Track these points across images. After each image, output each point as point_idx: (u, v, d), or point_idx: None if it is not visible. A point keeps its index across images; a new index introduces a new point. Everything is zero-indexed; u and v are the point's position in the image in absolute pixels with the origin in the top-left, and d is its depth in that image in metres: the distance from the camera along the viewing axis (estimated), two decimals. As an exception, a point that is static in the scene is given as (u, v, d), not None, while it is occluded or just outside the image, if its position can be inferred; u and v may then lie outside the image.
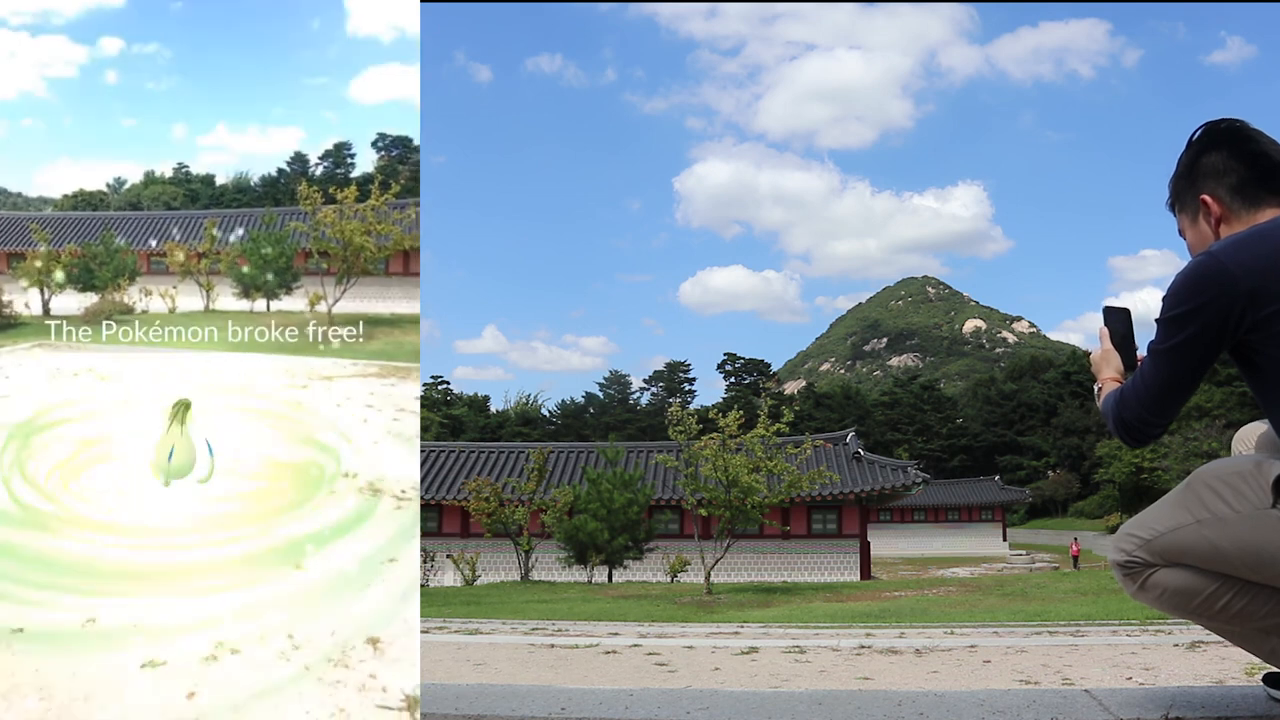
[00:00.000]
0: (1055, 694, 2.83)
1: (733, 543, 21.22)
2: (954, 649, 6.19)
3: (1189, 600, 2.23)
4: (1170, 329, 2.17)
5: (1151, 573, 2.25)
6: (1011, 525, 66.73)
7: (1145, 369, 2.24)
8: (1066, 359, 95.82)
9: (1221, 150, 2.27)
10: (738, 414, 20.82)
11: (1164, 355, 2.19)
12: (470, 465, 33.82)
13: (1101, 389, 2.41)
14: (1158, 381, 2.21)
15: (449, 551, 26.83)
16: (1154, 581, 2.25)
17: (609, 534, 24.21)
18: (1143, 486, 53.82)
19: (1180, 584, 2.22)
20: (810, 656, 5.86)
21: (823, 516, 32.64)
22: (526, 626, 10.19)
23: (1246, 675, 4.42)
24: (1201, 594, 2.21)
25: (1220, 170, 2.26)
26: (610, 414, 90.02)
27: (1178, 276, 2.18)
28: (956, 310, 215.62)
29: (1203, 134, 2.32)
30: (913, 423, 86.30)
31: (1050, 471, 75.20)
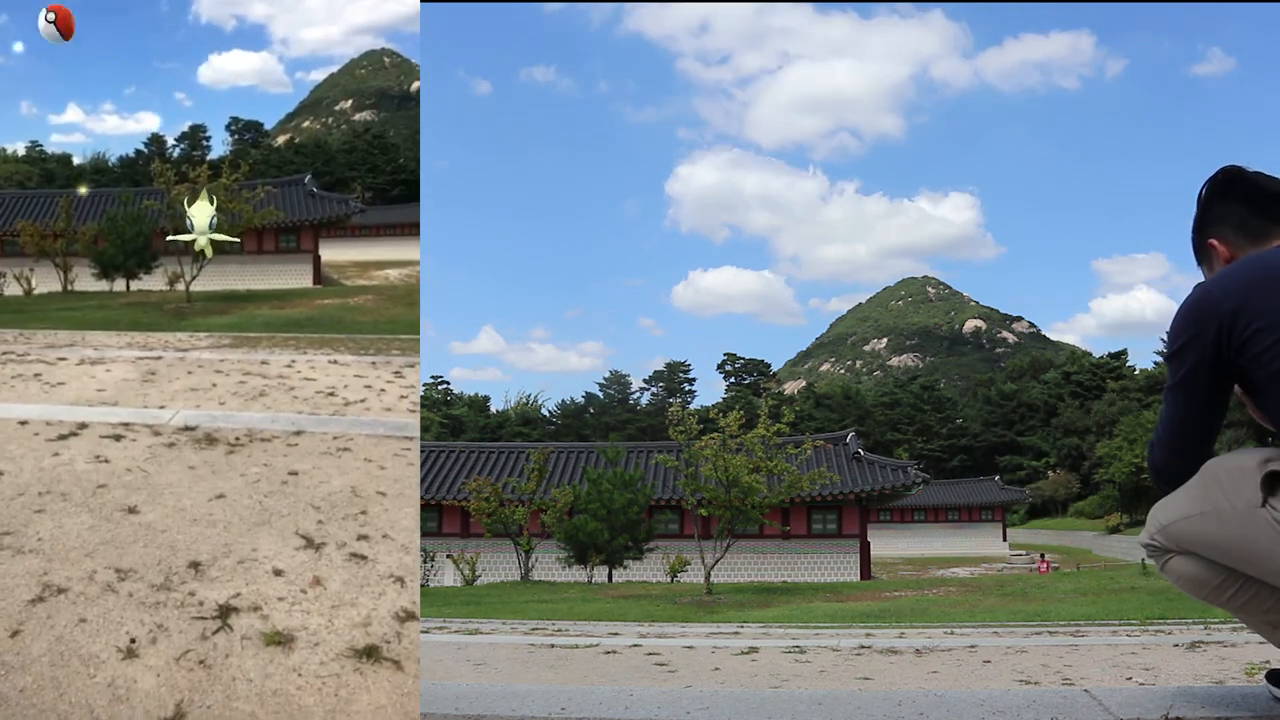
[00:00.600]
0: (1055, 694, 2.83)
1: (733, 543, 21.21)
2: (954, 649, 6.19)
3: (1200, 588, 2.30)
4: (1173, 366, 2.26)
5: (1169, 558, 2.33)
6: (1011, 525, 66.73)
7: (1162, 410, 2.31)
8: (1066, 359, 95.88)
9: (1221, 198, 2.39)
10: (738, 414, 20.83)
11: (1172, 393, 2.27)
12: (470, 465, 33.81)
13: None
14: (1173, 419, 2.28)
15: (449, 551, 26.84)
16: (1170, 567, 2.33)
17: (609, 534, 24.21)
18: (1143, 486, 53.74)
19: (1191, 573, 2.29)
20: (810, 656, 5.86)
21: (823, 516, 32.64)
22: (526, 626, 10.19)
23: (1246, 675, 4.42)
24: (1210, 584, 2.27)
25: (1222, 215, 2.38)
26: (610, 414, 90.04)
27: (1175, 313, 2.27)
28: (956, 310, 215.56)
29: (1205, 189, 2.43)
30: (913, 423, 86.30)
31: (1050, 471, 75.19)
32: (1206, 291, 2.22)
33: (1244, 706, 2.40)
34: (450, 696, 2.86)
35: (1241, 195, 2.36)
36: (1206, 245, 2.40)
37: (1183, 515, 2.26)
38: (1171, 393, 2.26)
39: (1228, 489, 2.19)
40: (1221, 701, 2.46)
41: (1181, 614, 10.48)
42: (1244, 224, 2.34)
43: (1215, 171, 2.44)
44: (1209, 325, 2.17)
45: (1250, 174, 2.39)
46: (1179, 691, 2.64)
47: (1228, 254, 2.35)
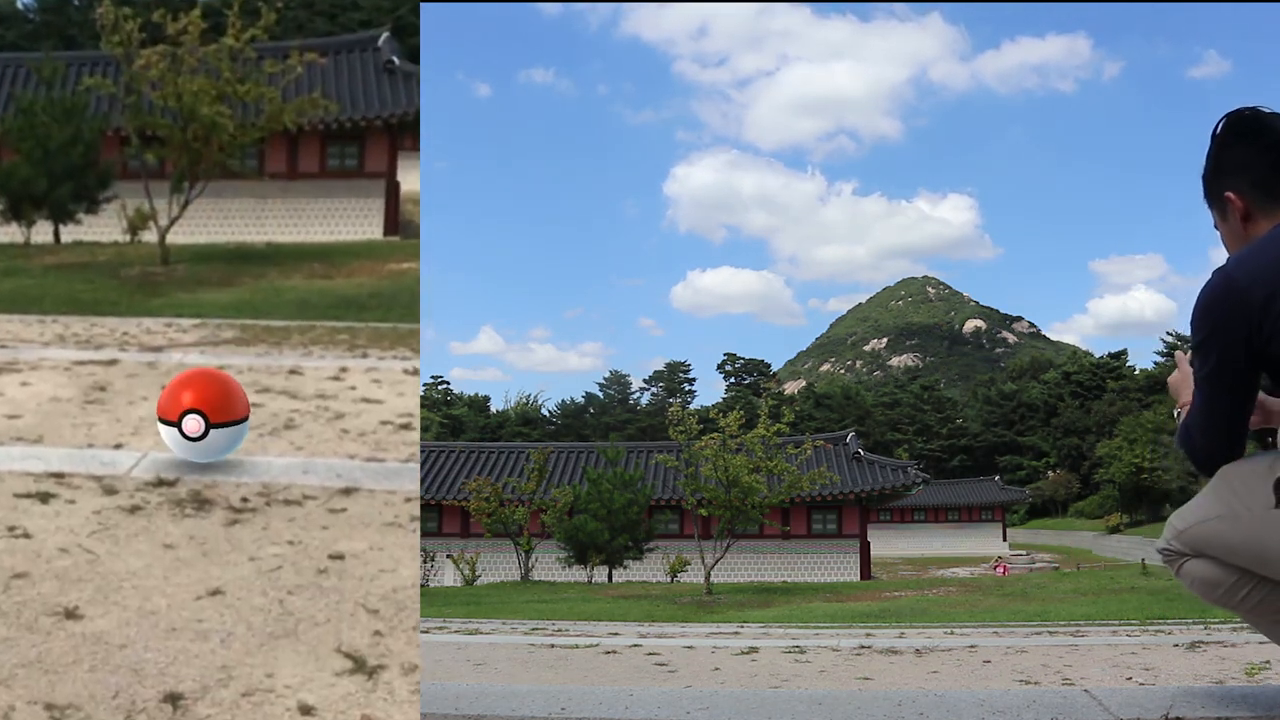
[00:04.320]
0: (1055, 694, 2.83)
1: (733, 543, 21.22)
2: (954, 649, 6.18)
3: (1213, 590, 2.28)
4: (1200, 356, 2.17)
5: (1184, 561, 2.31)
6: (1011, 525, 66.70)
7: (1195, 399, 2.25)
8: (1066, 359, 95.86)
9: (1242, 143, 2.24)
10: (738, 414, 20.86)
11: (1204, 383, 2.20)
12: (470, 465, 33.83)
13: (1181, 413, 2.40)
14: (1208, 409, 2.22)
15: (449, 551, 26.84)
16: (1185, 570, 2.32)
17: (609, 534, 24.22)
18: (1143, 486, 53.77)
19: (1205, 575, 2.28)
20: (810, 656, 5.86)
21: (823, 516, 32.65)
22: (526, 626, 10.19)
23: (1247, 675, 4.42)
24: (1223, 586, 2.26)
25: (1242, 164, 2.23)
26: (610, 414, 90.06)
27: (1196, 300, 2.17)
28: (956, 310, 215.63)
29: (1224, 127, 2.28)
30: (913, 423, 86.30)
31: (1050, 471, 75.17)
32: (1230, 279, 2.09)
33: (1244, 706, 2.40)
34: (450, 696, 2.86)
35: (1265, 146, 2.20)
36: (1224, 197, 2.25)
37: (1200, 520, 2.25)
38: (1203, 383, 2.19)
39: (1242, 493, 2.19)
40: (1221, 701, 2.46)
41: (1181, 614, 10.49)
42: (1264, 181, 2.20)
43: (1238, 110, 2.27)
44: (1236, 317, 2.07)
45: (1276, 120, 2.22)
46: (1179, 691, 2.64)
47: (1244, 210, 2.22)
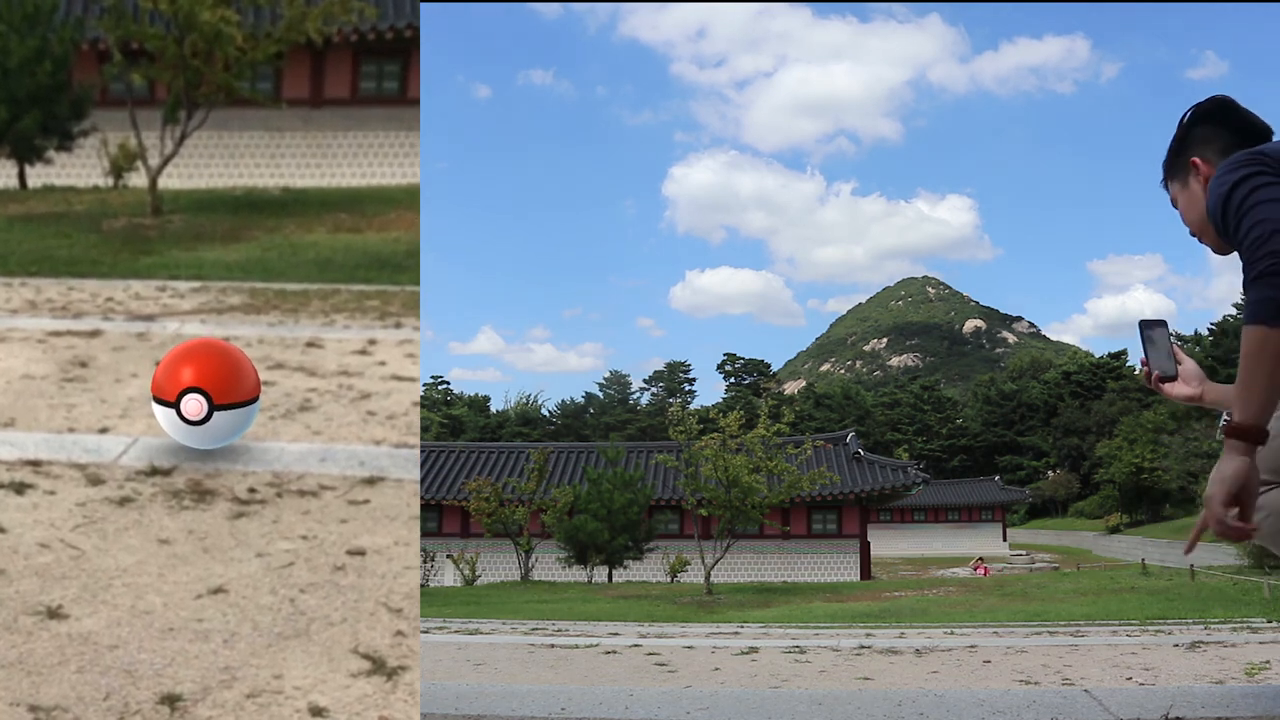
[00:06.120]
0: (1055, 694, 2.83)
1: (733, 543, 21.23)
2: (954, 649, 6.19)
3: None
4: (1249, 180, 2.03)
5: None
6: (1011, 525, 66.69)
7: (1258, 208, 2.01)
8: (1066, 359, 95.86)
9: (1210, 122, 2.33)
10: (738, 414, 20.90)
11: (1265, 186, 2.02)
12: (470, 465, 33.82)
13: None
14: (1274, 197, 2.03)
15: (449, 551, 26.85)
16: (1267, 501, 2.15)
17: (609, 534, 24.22)
18: (1143, 486, 53.73)
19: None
20: (810, 656, 5.86)
21: (823, 517, 32.65)
22: (526, 626, 10.19)
23: (1246, 675, 4.42)
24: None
25: (1209, 138, 2.32)
26: (610, 414, 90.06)
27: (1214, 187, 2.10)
28: (956, 310, 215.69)
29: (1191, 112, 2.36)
30: (913, 423, 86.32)
31: (1050, 471, 75.18)
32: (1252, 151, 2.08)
33: (1244, 706, 2.40)
34: (450, 696, 2.86)
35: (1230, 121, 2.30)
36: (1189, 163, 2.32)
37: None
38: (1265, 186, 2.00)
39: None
40: (1221, 701, 2.46)
41: (1181, 614, 10.50)
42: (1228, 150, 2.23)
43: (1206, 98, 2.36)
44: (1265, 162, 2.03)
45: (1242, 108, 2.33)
46: (1179, 691, 2.64)
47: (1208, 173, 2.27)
